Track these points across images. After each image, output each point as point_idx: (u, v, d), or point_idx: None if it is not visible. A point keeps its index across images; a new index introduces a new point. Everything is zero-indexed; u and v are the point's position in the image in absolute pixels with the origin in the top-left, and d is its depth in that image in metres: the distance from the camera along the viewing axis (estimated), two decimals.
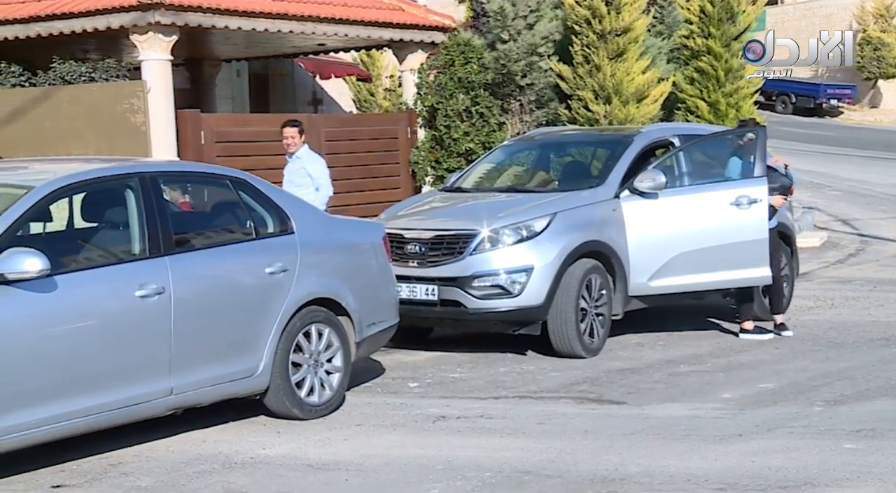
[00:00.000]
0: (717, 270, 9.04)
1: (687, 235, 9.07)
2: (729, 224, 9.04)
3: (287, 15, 11.89)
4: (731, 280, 9.14)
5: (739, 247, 8.98)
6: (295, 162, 9.59)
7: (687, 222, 9.11)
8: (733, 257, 8.99)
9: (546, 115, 13.86)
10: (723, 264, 9.01)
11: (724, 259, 8.99)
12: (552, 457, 5.86)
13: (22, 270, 5.35)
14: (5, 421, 5.34)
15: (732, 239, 9.00)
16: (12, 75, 11.59)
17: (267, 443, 6.24)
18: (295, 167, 9.56)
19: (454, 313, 8.51)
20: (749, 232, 8.99)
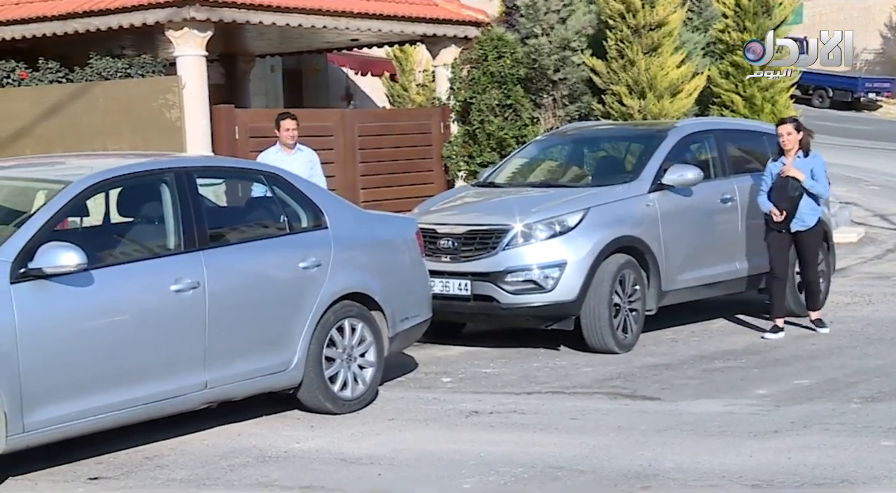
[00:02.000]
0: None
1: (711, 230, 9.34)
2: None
3: (321, 10, 11.91)
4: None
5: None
6: (298, 155, 9.47)
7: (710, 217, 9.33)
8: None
9: (579, 109, 13.81)
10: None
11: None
12: (585, 452, 5.84)
13: (59, 264, 5.41)
14: (44, 414, 5.40)
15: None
16: (50, 71, 11.69)
17: (300, 437, 6.27)
18: (301, 160, 9.39)
19: (487, 308, 8.50)
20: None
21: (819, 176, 8.88)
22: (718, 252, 9.43)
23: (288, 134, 9.42)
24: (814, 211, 8.92)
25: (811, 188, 8.79)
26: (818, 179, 8.85)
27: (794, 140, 8.87)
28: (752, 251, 9.57)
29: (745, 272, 9.63)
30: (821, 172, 8.89)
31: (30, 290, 5.39)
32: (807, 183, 8.78)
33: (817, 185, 8.84)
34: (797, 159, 8.87)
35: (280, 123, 9.46)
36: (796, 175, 8.80)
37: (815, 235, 9.02)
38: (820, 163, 8.95)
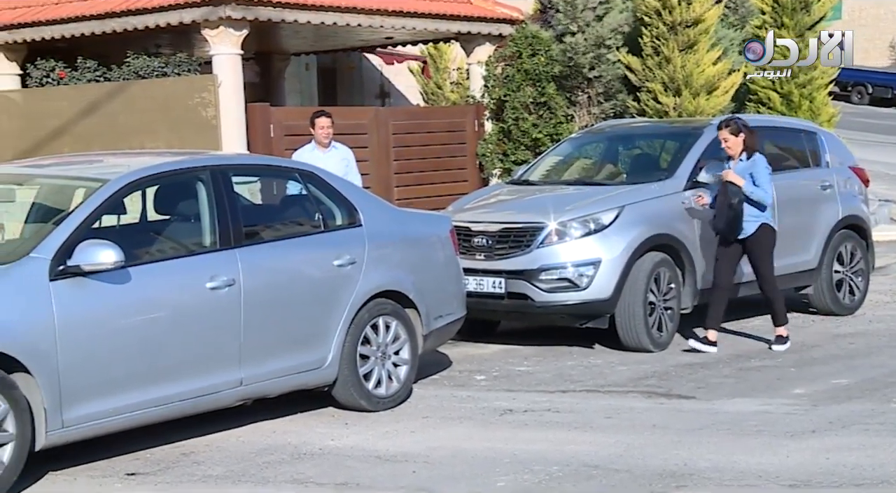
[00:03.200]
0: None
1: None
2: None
3: (356, 8, 11.94)
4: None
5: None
6: (333, 153, 9.46)
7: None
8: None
9: (614, 107, 13.74)
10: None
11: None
12: (620, 451, 5.81)
13: (97, 261, 5.46)
14: (82, 410, 5.45)
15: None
16: (88, 71, 11.80)
17: (335, 434, 6.29)
18: (336, 158, 9.37)
19: (521, 306, 8.49)
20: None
21: (760, 180, 8.22)
22: None
23: (323, 132, 9.43)
24: (754, 218, 8.26)
25: (751, 194, 8.20)
26: (760, 184, 8.24)
27: (736, 144, 8.31)
28: (789, 249, 9.47)
29: (782, 270, 9.54)
30: (761, 177, 8.25)
31: (68, 287, 5.45)
32: (746, 188, 8.20)
33: (757, 190, 8.21)
34: (740, 163, 8.35)
35: (315, 121, 9.48)
36: (734, 180, 8.21)
37: (757, 243, 8.32)
38: (760, 167, 8.27)
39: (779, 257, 9.47)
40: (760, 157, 8.39)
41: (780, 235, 9.49)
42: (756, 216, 8.29)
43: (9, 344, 5.19)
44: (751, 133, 8.41)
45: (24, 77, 12.35)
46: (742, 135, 8.35)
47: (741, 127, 8.40)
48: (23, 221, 6.48)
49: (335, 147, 9.54)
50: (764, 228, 8.33)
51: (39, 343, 5.29)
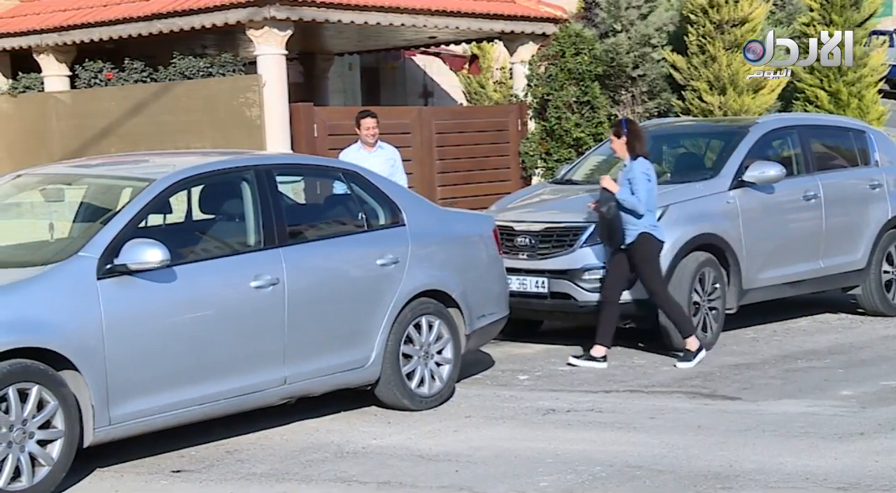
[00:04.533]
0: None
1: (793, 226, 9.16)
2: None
3: (399, 8, 11.96)
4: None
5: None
6: (379, 153, 9.46)
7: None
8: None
9: (658, 106, 13.65)
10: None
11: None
12: (664, 452, 5.78)
13: (143, 260, 5.51)
14: (129, 407, 5.51)
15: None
16: (135, 71, 11.93)
17: (378, 433, 6.30)
18: (381, 158, 9.31)
19: (564, 305, 8.46)
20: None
21: (636, 187, 7.76)
22: (801, 250, 9.26)
23: (368, 132, 9.43)
24: (633, 226, 7.83)
25: (623, 201, 7.78)
26: (636, 191, 7.79)
27: (620, 147, 7.93)
28: (836, 249, 9.37)
29: (829, 271, 9.44)
30: (636, 183, 7.77)
31: (115, 286, 5.51)
32: (619, 195, 7.80)
33: (630, 198, 7.77)
34: (625, 168, 8.03)
35: (360, 121, 9.49)
36: (608, 186, 7.87)
37: (636, 253, 7.86)
38: (635, 171, 7.79)
39: (826, 257, 9.39)
40: (639, 161, 7.92)
41: (828, 234, 9.40)
42: (634, 225, 7.85)
43: (58, 342, 5.26)
44: (635, 135, 7.94)
45: (72, 78, 12.51)
46: (624, 137, 7.93)
47: (624, 129, 7.97)
48: (71, 221, 6.57)
49: (381, 147, 9.54)
50: (643, 237, 7.84)
51: (87, 341, 5.36)
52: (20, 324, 5.17)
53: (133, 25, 11.55)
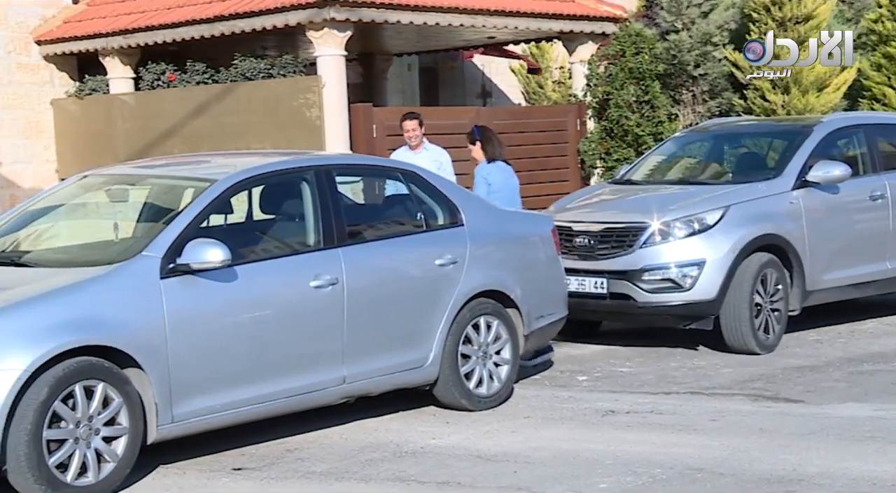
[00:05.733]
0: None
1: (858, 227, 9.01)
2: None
3: (458, 8, 11.96)
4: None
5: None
6: (424, 154, 9.46)
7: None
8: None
9: (719, 105, 13.52)
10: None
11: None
12: (725, 455, 5.71)
13: (205, 260, 5.57)
14: (191, 405, 5.58)
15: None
16: (197, 73, 12.08)
17: (436, 433, 6.31)
18: (427, 159, 9.25)
19: (623, 306, 8.41)
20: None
21: (476, 188, 7.92)
22: (867, 251, 9.10)
23: (408, 135, 9.49)
24: None
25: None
26: (475, 192, 7.98)
27: (477, 153, 8.18)
28: None
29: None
30: (476, 185, 7.85)
31: (178, 285, 5.58)
32: (473, 193, 7.82)
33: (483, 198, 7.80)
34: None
35: (402, 124, 9.59)
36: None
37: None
38: (477, 175, 8.00)
39: (894, 258, 9.21)
40: (487, 165, 8.40)
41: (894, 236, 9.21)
42: None
43: (123, 340, 5.33)
44: (487, 140, 8.38)
45: (137, 80, 12.70)
46: (478, 143, 8.37)
47: (476, 136, 8.42)
48: (135, 221, 6.66)
49: (426, 148, 9.57)
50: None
51: (151, 340, 5.43)
52: (86, 323, 5.26)
53: (196, 28, 11.69)
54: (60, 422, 5.13)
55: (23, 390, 5.01)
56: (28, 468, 5.00)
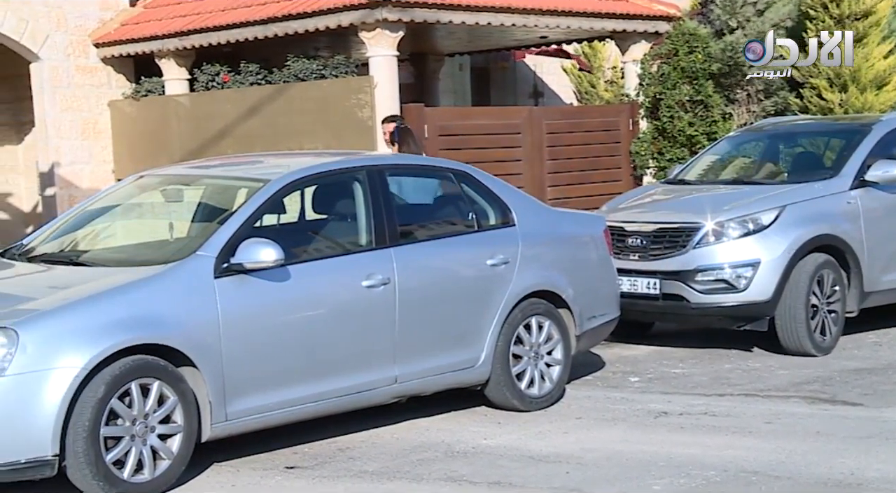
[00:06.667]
0: None
1: None
2: None
3: (510, 8, 11.94)
4: None
5: None
6: None
7: None
8: None
9: (774, 104, 13.34)
10: None
11: None
12: (781, 458, 5.64)
13: (259, 260, 5.61)
14: (244, 404, 5.62)
15: None
16: (250, 74, 12.18)
17: (488, 433, 6.30)
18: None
19: (676, 307, 8.34)
20: None
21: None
22: None
23: (385, 138, 9.84)
24: None
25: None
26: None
27: (394, 153, 8.49)
28: None
29: None
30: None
31: (231, 284, 5.62)
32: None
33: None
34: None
35: (382, 125, 9.98)
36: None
37: None
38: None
39: None
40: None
41: None
42: None
43: (177, 339, 5.39)
44: (404, 141, 8.79)
45: (191, 81, 12.84)
46: (395, 146, 8.70)
47: (395, 136, 9.02)
48: (190, 220, 6.73)
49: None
50: None
51: (205, 338, 5.48)
52: (142, 321, 5.32)
53: (249, 29, 11.79)
54: (117, 419, 5.20)
55: (81, 388, 5.08)
56: (86, 464, 5.07)
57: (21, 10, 12.61)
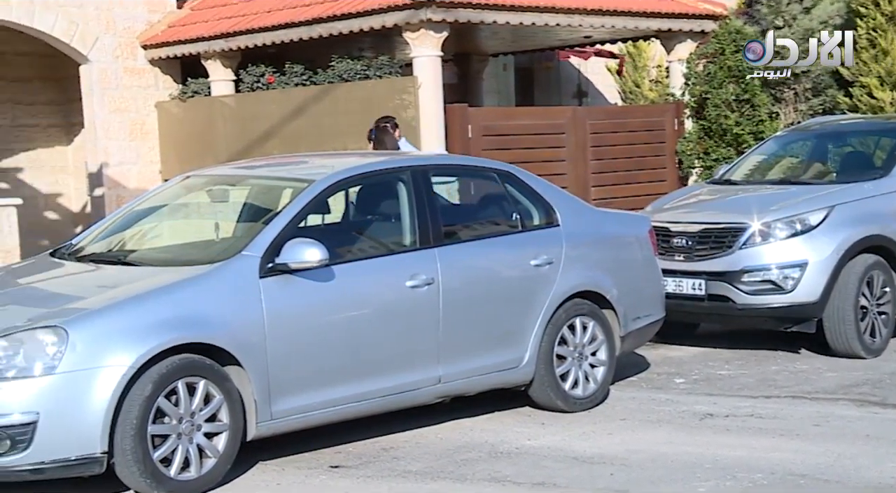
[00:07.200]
0: None
1: None
2: None
3: (554, 8, 11.90)
4: None
5: None
6: None
7: None
8: None
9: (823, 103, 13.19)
10: None
11: None
12: (830, 461, 5.57)
13: (303, 260, 5.64)
14: (289, 403, 5.65)
15: None
16: (295, 75, 12.25)
17: (532, 434, 6.29)
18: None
19: (722, 308, 8.27)
20: None
21: None
22: None
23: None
24: None
25: None
26: None
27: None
28: None
29: None
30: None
31: (276, 284, 5.66)
32: None
33: None
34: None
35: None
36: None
37: None
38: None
39: None
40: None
41: None
42: None
43: (223, 338, 5.43)
44: (379, 141, 9.08)
45: (237, 82, 12.94)
46: (372, 143, 8.90)
47: (371, 134, 9.24)
48: (235, 221, 6.78)
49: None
50: None
51: (250, 338, 5.52)
52: (188, 321, 5.37)
53: (294, 30, 11.85)
54: (164, 418, 5.25)
55: (129, 386, 5.13)
56: (134, 461, 5.13)
57: (71, 13, 12.79)
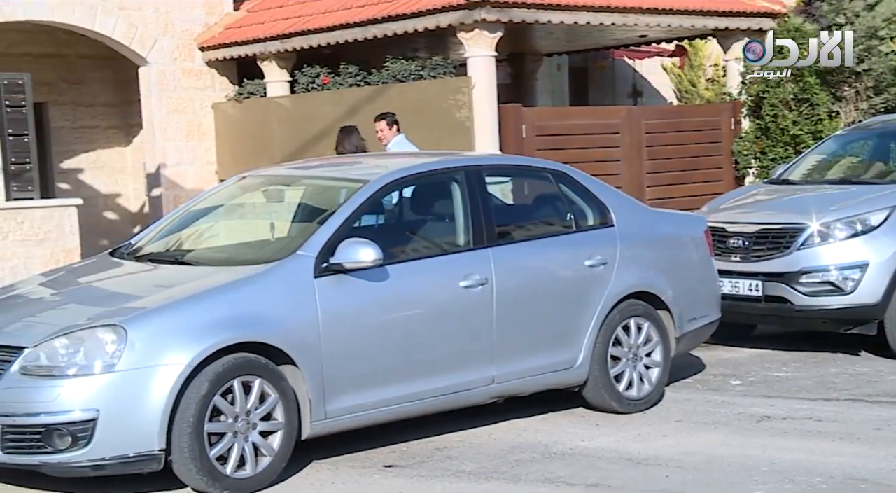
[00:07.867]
0: None
1: None
2: None
3: (609, 7, 11.83)
4: None
5: None
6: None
7: None
8: None
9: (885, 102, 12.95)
10: None
11: None
12: (892, 466, 5.48)
13: (358, 259, 5.67)
14: (343, 402, 5.68)
15: None
16: (349, 75, 12.31)
17: (586, 435, 6.26)
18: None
19: (779, 309, 8.18)
20: None
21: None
22: None
23: (376, 136, 9.87)
24: None
25: None
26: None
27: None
28: None
29: None
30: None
31: (331, 284, 5.69)
32: None
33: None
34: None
35: (374, 123, 9.96)
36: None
37: None
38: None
39: None
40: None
41: None
42: None
43: (278, 337, 5.47)
44: (339, 141, 9.36)
45: (292, 83, 13.03)
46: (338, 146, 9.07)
47: (342, 137, 9.41)
48: (290, 221, 6.83)
49: (389, 148, 9.77)
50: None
51: (305, 337, 5.55)
52: (244, 320, 5.42)
53: (349, 31, 11.91)
54: (220, 416, 5.30)
55: (185, 385, 5.19)
56: (191, 459, 5.19)
57: (131, 16, 12.97)
